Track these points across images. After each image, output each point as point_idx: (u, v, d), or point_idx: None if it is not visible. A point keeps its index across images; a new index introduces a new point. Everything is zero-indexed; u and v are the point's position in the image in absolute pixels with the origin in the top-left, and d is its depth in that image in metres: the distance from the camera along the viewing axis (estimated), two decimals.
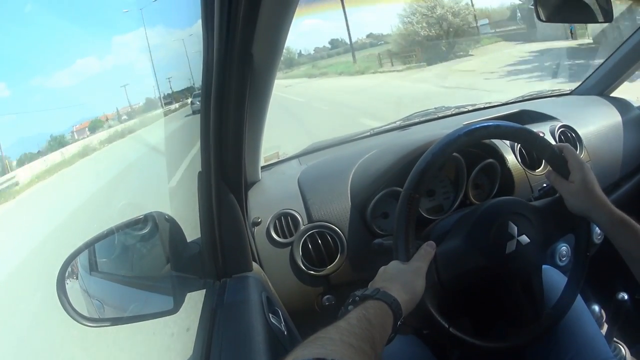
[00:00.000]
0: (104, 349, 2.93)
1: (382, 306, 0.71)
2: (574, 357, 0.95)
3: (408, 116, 1.84)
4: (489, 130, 0.94)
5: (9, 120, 37.70)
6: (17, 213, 11.70)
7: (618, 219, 0.88)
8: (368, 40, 27.91)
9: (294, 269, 1.18)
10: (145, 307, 1.02)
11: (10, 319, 4.19)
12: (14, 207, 12.56)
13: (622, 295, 1.19)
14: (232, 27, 0.71)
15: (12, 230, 9.00)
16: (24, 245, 6.78)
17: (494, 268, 0.89)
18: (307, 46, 34.30)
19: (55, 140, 24.07)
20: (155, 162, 10.38)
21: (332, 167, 1.38)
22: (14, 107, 44.24)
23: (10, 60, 42.84)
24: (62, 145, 21.82)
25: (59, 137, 24.68)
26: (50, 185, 14.63)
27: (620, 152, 1.55)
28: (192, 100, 20.80)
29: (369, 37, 28.44)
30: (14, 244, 7.49)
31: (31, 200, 12.81)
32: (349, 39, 27.64)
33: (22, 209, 12.04)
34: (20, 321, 4.06)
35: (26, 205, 12.37)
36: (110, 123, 26.99)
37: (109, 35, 61.33)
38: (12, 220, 10.77)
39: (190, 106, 20.23)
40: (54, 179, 15.47)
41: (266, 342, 0.77)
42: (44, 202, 11.98)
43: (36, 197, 13.28)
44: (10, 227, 9.63)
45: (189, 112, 19.45)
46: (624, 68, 1.67)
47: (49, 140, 24.33)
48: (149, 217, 1.01)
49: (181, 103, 26.98)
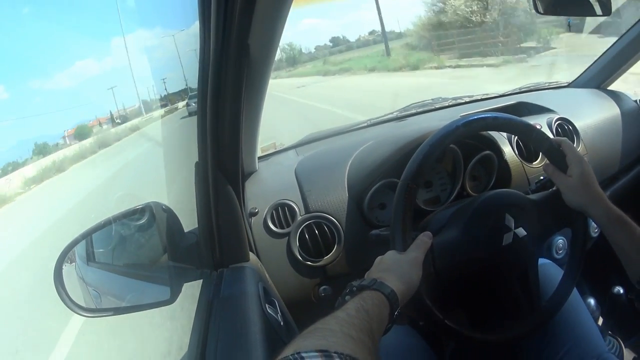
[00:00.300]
0: (99, 339, 2.95)
1: (379, 297, 0.71)
2: (570, 350, 0.95)
3: (405, 107, 1.83)
4: (486, 121, 0.94)
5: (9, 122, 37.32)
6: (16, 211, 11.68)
7: (615, 215, 0.88)
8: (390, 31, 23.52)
9: (290, 259, 1.19)
10: (142, 297, 1.03)
11: (8, 312, 4.20)
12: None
13: (618, 289, 1.20)
14: (229, 18, 0.70)
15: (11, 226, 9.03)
16: (22, 238, 6.80)
17: (490, 260, 0.90)
18: (317, 40, 32.43)
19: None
20: (153, 154, 10.33)
21: (329, 158, 1.38)
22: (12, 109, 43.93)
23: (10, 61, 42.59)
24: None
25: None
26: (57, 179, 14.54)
27: (618, 145, 1.55)
28: (187, 102, 19.49)
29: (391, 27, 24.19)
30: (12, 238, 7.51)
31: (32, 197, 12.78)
32: (381, 25, 22.66)
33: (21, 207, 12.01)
34: (18, 314, 4.08)
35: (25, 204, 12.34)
36: (102, 127, 26.60)
37: (101, 35, 60.64)
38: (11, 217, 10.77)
39: (186, 108, 19.03)
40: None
41: (263, 333, 0.77)
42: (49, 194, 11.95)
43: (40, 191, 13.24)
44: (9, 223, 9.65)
45: (185, 114, 18.42)
46: (622, 61, 1.66)
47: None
48: (146, 207, 1.01)
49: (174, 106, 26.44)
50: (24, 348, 3.56)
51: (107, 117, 27.96)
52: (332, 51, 28.29)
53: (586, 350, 0.95)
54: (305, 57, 28.48)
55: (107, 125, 26.41)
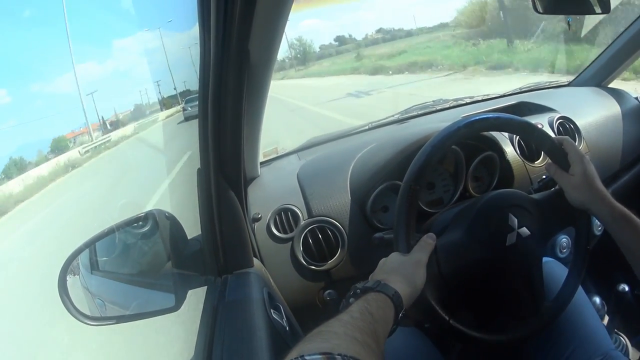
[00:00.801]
0: (104, 347, 2.95)
1: (383, 299, 0.71)
2: (576, 348, 0.95)
3: (406, 109, 1.83)
4: (488, 121, 0.94)
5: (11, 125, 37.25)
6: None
7: (619, 213, 0.88)
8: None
9: (294, 264, 1.19)
10: (146, 304, 1.03)
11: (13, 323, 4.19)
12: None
13: (623, 286, 1.20)
14: (229, 24, 0.71)
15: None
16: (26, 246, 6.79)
17: (494, 260, 0.89)
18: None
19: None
20: (155, 161, 10.30)
21: (331, 162, 1.38)
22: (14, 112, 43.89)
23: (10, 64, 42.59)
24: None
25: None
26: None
27: (619, 143, 1.55)
28: (184, 107, 18.64)
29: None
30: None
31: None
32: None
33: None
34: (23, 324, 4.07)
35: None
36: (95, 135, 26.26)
37: (102, 38, 60.67)
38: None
39: (182, 112, 18.31)
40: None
41: (268, 338, 0.77)
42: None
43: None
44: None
45: (181, 119, 17.96)
46: (622, 59, 1.66)
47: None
48: (149, 214, 1.01)
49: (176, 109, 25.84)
50: None
51: (98, 123, 27.69)
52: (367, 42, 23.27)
53: (592, 349, 0.95)
54: (328, 50, 23.07)
55: (97, 132, 26.02)
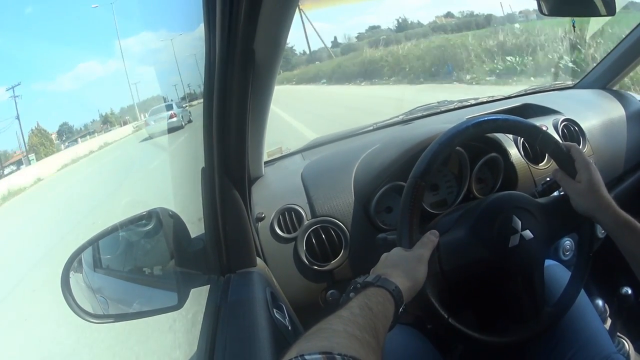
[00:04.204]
0: (107, 346, 2.95)
1: (383, 293, 0.71)
2: (578, 351, 0.94)
3: (411, 110, 1.83)
4: (497, 123, 0.94)
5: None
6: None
7: (623, 220, 0.88)
8: None
9: (297, 264, 1.19)
10: (149, 303, 1.03)
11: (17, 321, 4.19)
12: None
13: (626, 289, 1.19)
14: (234, 23, 0.71)
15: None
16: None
17: (497, 261, 0.89)
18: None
19: None
20: (159, 160, 10.31)
21: (335, 162, 1.38)
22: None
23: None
24: None
25: None
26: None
27: (624, 145, 1.54)
28: (146, 120, 15.55)
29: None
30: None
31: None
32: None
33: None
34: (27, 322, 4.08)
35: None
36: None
37: (105, 40, 60.58)
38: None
39: (145, 128, 15.47)
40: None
41: (271, 338, 0.77)
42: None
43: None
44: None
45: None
46: (627, 61, 1.65)
47: None
48: (152, 213, 1.01)
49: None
50: None
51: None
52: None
53: (594, 352, 0.94)
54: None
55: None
